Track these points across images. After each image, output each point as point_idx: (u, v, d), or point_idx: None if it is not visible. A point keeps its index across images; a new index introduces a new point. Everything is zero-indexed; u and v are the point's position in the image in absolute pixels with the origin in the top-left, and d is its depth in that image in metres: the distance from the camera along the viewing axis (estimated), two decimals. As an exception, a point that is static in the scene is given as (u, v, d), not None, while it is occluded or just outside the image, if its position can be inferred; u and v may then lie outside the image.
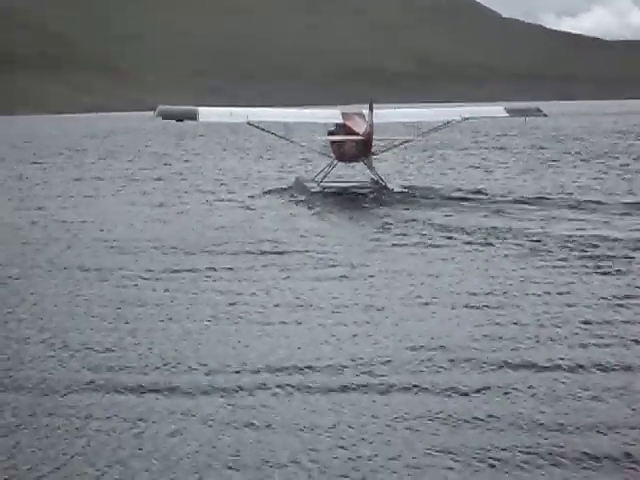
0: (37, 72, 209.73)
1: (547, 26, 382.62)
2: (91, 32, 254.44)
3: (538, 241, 19.68)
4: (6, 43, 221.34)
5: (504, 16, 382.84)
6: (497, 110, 34.42)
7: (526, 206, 25.66)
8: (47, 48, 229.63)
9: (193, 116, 29.84)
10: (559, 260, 17.62)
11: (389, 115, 32.86)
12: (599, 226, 21.73)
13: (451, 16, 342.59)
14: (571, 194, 28.25)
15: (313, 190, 30.27)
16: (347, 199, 29.23)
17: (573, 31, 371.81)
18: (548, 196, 27.68)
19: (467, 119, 32.97)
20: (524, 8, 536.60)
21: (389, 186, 30.04)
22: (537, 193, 28.49)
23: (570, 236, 20.13)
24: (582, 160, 43.13)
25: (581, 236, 20.15)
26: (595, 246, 18.91)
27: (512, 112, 33.40)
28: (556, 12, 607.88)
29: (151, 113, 30.07)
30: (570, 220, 22.84)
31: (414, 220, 23.32)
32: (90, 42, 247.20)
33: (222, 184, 35.07)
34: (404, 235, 21.12)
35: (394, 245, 19.89)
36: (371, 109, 28.99)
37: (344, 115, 31.39)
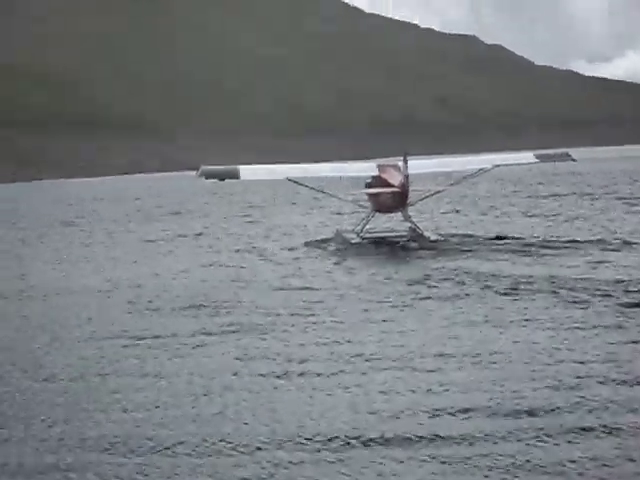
0: (64, 135, 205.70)
1: (580, 72, 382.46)
2: (120, 91, 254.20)
3: (577, 290, 19.28)
4: (25, 104, 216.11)
5: (537, 64, 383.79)
6: (527, 156, 35.01)
7: (564, 252, 25.48)
8: (70, 108, 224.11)
9: (235, 175, 30.24)
10: (598, 311, 17.15)
11: (422, 166, 33.17)
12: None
13: (484, 64, 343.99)
14: (604, 239, 28.00)
15: (353, 241, 30.56)
16: (385, 249, 29.25)
17: (606, 76, 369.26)
18: (587, 242, 27.37)
19: (498, 166, 33.24)
20: (556, 55, 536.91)
21: (426, 234, 30.23)
22: (575, 239, 28.20)
23: (610, 282, 19.83)
24: (620, 205, 42.71)
25: (626, 281, 19.86)
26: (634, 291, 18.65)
27: (541, 157, 33.94)
28: (589, 58, 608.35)
29: (188, 172, 30.29)
30: (611, 266, 22.50)
31: (448, 270, 23.16)
32: (119, 102, 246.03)
33: (260, 236, 35.27)
34: (440, 287, 20.86)
35: (429, 298, 19.60)
36: (405, 161, 29.35)
37: (380, 167, 31.82)
